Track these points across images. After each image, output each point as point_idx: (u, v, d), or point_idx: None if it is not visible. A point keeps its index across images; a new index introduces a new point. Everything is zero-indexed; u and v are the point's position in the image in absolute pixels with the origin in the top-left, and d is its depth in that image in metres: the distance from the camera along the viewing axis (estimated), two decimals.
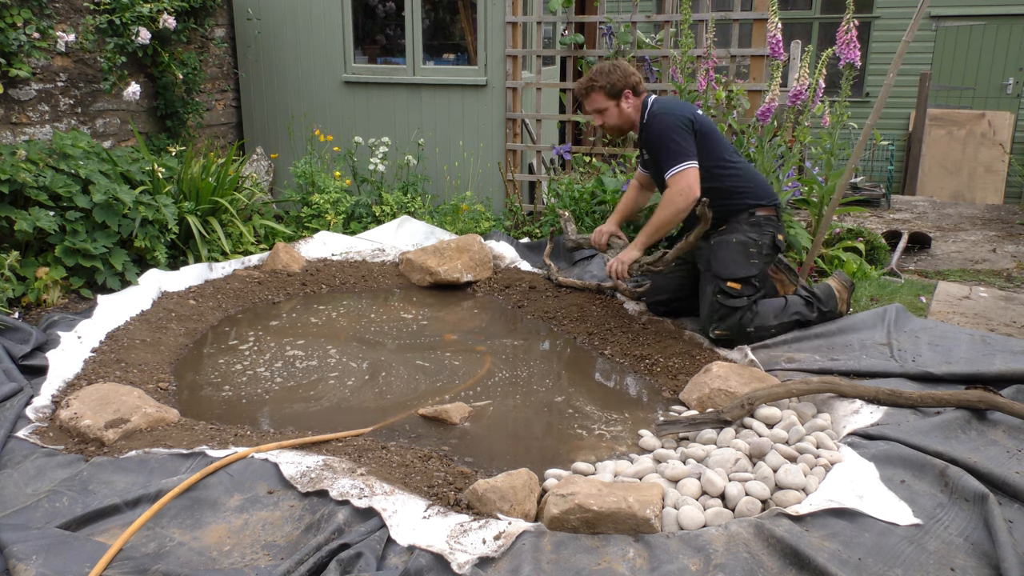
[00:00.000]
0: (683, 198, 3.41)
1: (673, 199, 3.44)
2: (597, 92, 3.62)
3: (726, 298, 3.45)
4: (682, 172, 3.42)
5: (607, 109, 3.64)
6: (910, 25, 3.82)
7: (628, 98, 3.63)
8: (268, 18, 5.96)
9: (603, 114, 3.66)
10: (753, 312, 3.46)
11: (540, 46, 6.23)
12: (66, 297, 3.98)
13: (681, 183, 3.41)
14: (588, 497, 2.15)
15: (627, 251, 3.64)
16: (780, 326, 3.50)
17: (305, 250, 4.87)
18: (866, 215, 6.67)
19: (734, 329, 3.46)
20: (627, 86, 3.60)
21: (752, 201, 3.57)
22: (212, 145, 5.96)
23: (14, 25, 4.23)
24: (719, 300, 3.46)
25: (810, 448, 2.52)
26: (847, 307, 3.68)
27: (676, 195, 3.43)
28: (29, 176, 3.83)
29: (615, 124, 3.69)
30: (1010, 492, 2.24)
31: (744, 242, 3.52)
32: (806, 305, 3.57)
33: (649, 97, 3.70)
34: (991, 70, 9.73)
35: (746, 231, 3.54)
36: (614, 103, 3.62)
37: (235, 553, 2.10)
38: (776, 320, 3.49)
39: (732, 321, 3.45)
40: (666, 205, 3.47)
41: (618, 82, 3.58)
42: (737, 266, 3.49)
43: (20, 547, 2.01)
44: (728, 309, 3.45)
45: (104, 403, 2.81)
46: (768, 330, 3.48)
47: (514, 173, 5.66)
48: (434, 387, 3.27)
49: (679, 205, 3.43)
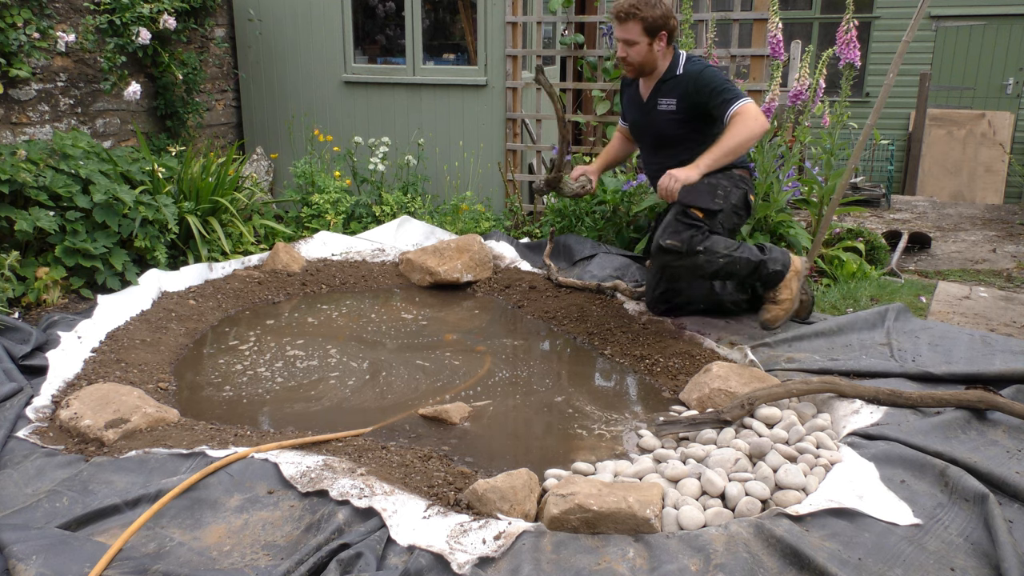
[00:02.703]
0: (759, 123, 3.28)
1: (749, 124, 3.28)
2: (635, 22, 3.47)
3: (685, 218, 3.39)
4: (748, 104, 3.32)
5: (637, 44, 3.49)
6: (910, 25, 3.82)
7: (662, 40, 3.51)
8: (268, 18, 5.96)
9: (631, 47, 3.51)
10: (705, 235, 3.40)
11: (540, 46, 6.24)
12: (66, 297, 3.98)
13: (751, 111, 3.29)
14: (588, 497, 2.15)
15: (691, 170, 3.35)
16: (729, 258, 3.41)
17: (305, 250, 4.87)
18: (866, 215, 6.67)
19: (685, 243, 3.36)
20: (666, 28, 3.49)
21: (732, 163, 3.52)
22: (212, 145, 5.96)
23: (14, 25, 4.23)
24: (678, 218, 3.40)
25: (810, 448, 2.52)
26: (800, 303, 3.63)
27: (751, 119, 3.28)
28: (29, 176, 3.83)
29: (637, 62, 3.55)
30: (1010, 492, 2.24)
31: (713, 184, 3.46)
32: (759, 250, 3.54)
33: (680, 51, 3.61)
34: (991, 70, 9.73)
35: (719, 177, 3.48)
36: (647, 40, 3.49)
37: (235, 553, 2.10)
38: (726, 250, 3.41)
39: (684, 236, 3.36)
40: (742, 128, 3.28)
41: (658, 20, 3.45)
42: (702, 197, 3.41)
43: (20, 547, 2.01)
44: (683, 225, 3.38)
45: (104, 403, 2.81)
46: (716, 257, 3.39)
47: (514, 173, 5.66)
48: (434, 387, 3.27)
49: (755, 129, 3.28)
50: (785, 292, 3.53)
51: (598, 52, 5.37)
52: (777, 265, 3.51)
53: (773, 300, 3.56)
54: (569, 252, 4.76)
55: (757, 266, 3.48)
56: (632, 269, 4.45)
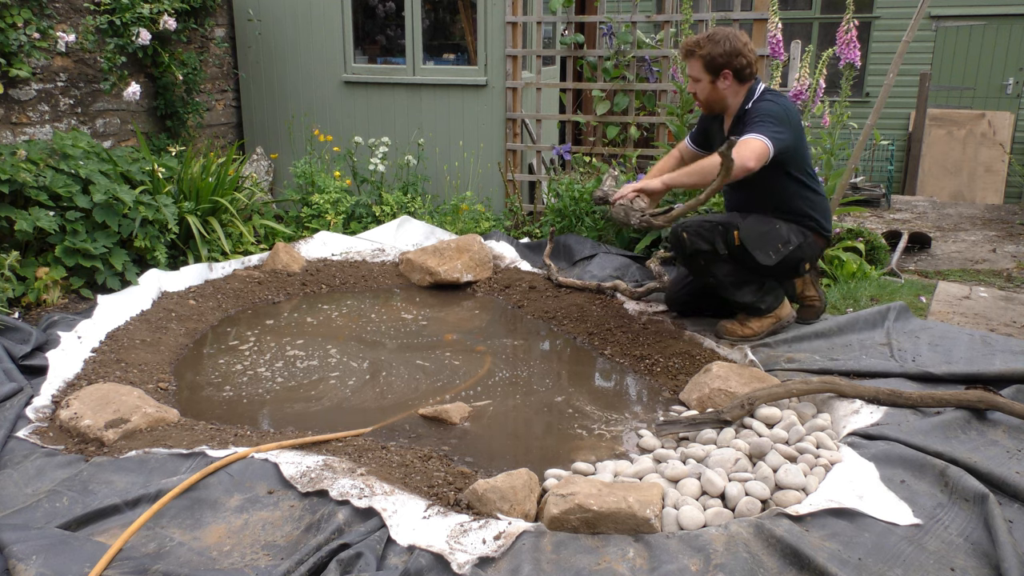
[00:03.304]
0: (737, 159, 2.97)
1: (739, 150, 3.03)
2: (696, 60, 3.32)
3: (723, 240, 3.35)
4: (752, 140, 3.09)
5: (700, 81, 3.36)
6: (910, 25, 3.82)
7: (727, 79, 3.32)
8: (268, 18, 5.96)
9: (696, 84, 3.38)
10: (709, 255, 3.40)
11: (540, 46, 6.23)
12: (66, 297, 3.98)
13: (744, 148, 3.05)
14: (588, 497, 2.15)
15: (646, 179, 3.33)
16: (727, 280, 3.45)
17: (305, 250, 4.87)
18: (866, 215, 6.67)
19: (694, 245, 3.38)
20: (729, 67, 3.28)
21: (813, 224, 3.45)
22: (212, 145, 5.96)
23: (14, 25, 4.23)
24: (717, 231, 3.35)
25: (810, 448, 2.52)
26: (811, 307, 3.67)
27: (743, 148, 3.05)
28: (29, 176, 3.83)
29: (704, 100, 3.42)
30: (1010, 492, 2.24)
31: (780, 234, 3.36)
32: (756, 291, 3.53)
33: (759, 84, 3.40)
34: (991, 70, 9.73)
35: (791, 231, 3.40)
36: (709, 78, 3.33)
37: (235, 553, 2.10)
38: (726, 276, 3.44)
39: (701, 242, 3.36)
40: (713, 158, 3.10)
41: (719, 57, 3.26)
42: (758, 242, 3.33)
43: (20, 547, 2.01)
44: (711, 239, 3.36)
45: (104, 403, 2.80)
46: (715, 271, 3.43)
47: (514, 173, 5.66)
48: (434, 387, 3.27)
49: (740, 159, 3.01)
50: (756, 324, 3.56)
51: (598, 52, 5.37)
52: (766, 305, 3.53)
53: (742, 321, 3.59)
54: (569, 252, 4.76)
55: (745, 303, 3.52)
56: (632, 269, 4.45)
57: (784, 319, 3.59)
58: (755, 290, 3.51)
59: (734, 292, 3.50)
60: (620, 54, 5.28)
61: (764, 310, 3.55)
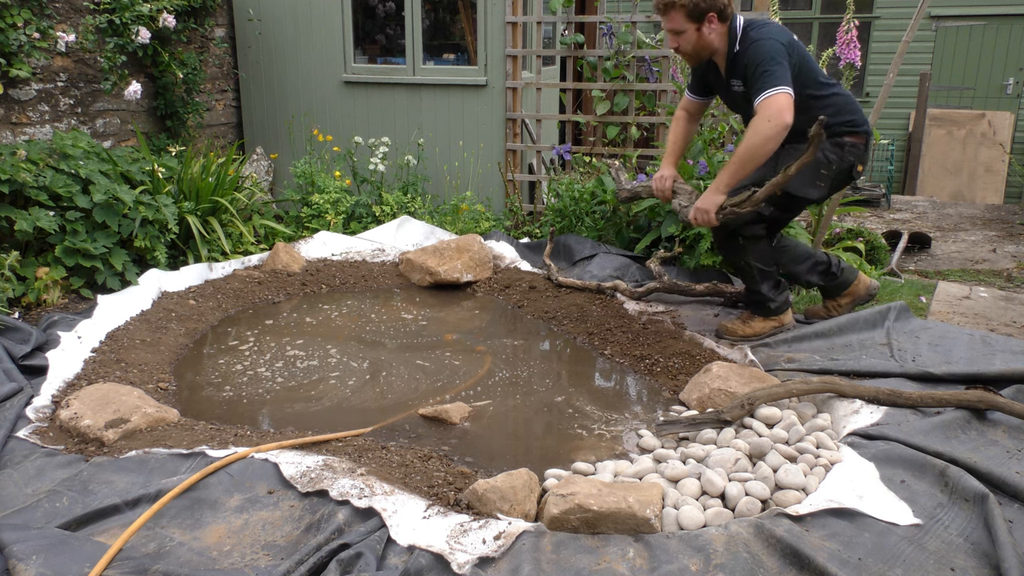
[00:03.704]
0: (771, 125, 3.03)
1: (759, 127, 3.06)
2: (677, 11, 3.23)
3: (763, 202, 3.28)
4: (772, 97, 3.06)
5: (684, 32, 3.26)
6: (910, 25, 3.82)
7: (712, 22, 3.23)
8: (268, 18, 5.96)
9: (679, 37, 3.29)
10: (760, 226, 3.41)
11: (540, 46, 6.23)
12: (66, 297, 3.98)
13: (771, 108, 3.04)
14: (588, 497, 2.15)
15: (708, 195, 3.27)
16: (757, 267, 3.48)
17: (305, 250, 4.87)
18: (866, 215, 6.67)
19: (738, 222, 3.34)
20: (712, 8, 3.21)
21: (844, 128, 3.31)
22: (212, 145, 5.96)
23: (14, 25, 4.23)
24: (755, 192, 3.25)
25: (810, 448, 2.52)
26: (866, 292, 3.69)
27: (763, 121, 3.05)
28: (29, 176, 3.83)
29: (691, 51, 3.33)
30: (1010, 492, 2.24)
31: (819, 160, 3.25)
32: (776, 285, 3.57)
33: (737, 19, 3.30)
34: (991, 70, 9.73)
35: (827, 150, 3.28)
36: (694, 27, 3.24)
37: (235, 553, 2.10)
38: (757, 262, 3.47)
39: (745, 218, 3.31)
40: (752, 134, 3.08)
41: (703, 2, 3.19)
42: (801, 183, 3.25)
43: (20, 547, 2.01)
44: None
45: (104, 403, 2.81)
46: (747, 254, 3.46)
47: (514, 173, 5.66)
48: (434, 387, 3.27)
49: (766, 133, 3.04)
50: (759, 325, 3.57)
51: (598, 52, 5.37)
52: (777, 303, 3.56)
53: (744, 320, 3.61)
54: (569, 252, 4.76)
55: (762, 296, 3.53)
56: (632, 269, 4.45)
57: (786, 325, 3.61)
58: (773, 286, 3.53)
59: (759, 282, 3.50)
60: (620, 54, 5.28)
61: (773, 310, 3.55)
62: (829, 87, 3.34)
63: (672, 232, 4.37)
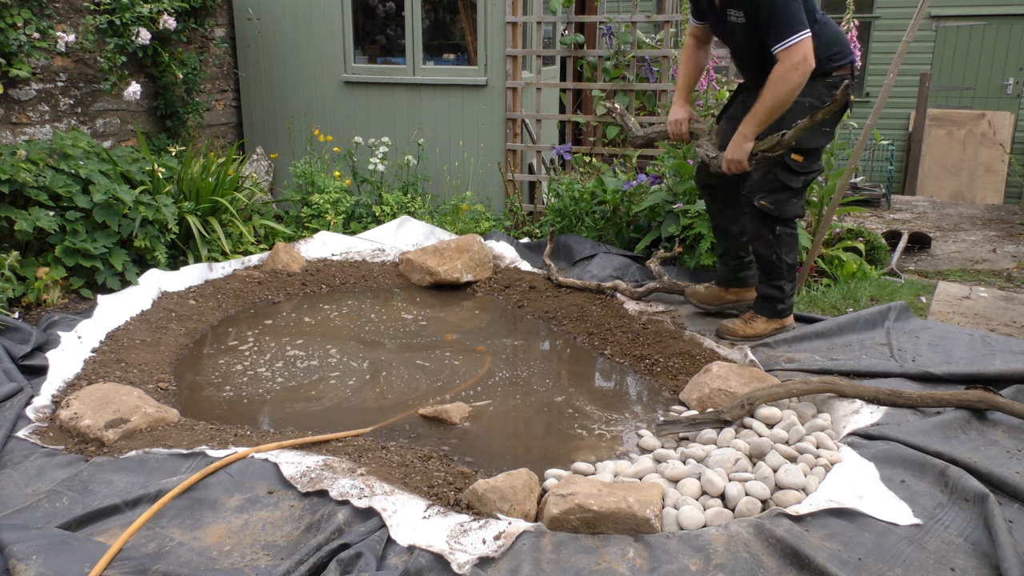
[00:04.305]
0: (799, 73, 3.05)
1: (787, 76, 3.06)
2: None
3: (785, 172, 3.30)
4: (797, 44, 3.03)
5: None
6: (910, 25, 3.82)
7: None
8: (268, 18, 5.96)
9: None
10: (799, 207, 3.37)
11: (540, 46, 6.23)
12: (66, 297, 3.98)
13: (796, 56, 3.03)
14: (588, 497, 2.15)
15: (737, 145, 3.24)
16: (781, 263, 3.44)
17: (305, 250, 4.87)
18: (866, 215, 6.67)
19: (779, 207, 3.33)
20: None
21: (832, 63, 3.27)
22: (212, 145, 5.96)
23: (14, 25, 4.23)
24: (777, 173, 3.30)
25: (810, 448, 2.52)
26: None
27: (791, 70, 3.05)
28: (29, 176, 3.83)
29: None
30: (1010, 492, 2.24)
31: (817, 107, 3.20)
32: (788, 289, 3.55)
33: None
34: (991, 70, 9.73)
35: (822, 94, 3.24)
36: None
37: (235, 553, 2.10)
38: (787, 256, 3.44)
39: (781, 198, 3.32)
40: (780, 82, 3.08)
41: None
42: (811, 135, 3.23)
43: (20, 547, 2.01)
44: (780, 184, 3.31)
45: (104, 403, 2.81)
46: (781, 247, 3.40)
47: (514, 173, 5.66)
48: (434, 387, 3.27)
49: (795, 81, 3.06)
50: (761, 326, 3.55)
51: (598, 52, 5.37)
52: (784, 306, 3.54)
53: (747, 320, 3.59)
54: (569, 252, 4.76)
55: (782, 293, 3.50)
56: (632, 269, 4.45)
57: (787, 327, 3.59)
58: (792, 287, 3.53)
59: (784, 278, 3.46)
60: (620, 54, 5.28)
61: (780, 312, 3.53)
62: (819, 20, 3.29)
63: (672, 232, 4.37)
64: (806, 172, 3.34)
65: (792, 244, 3.46)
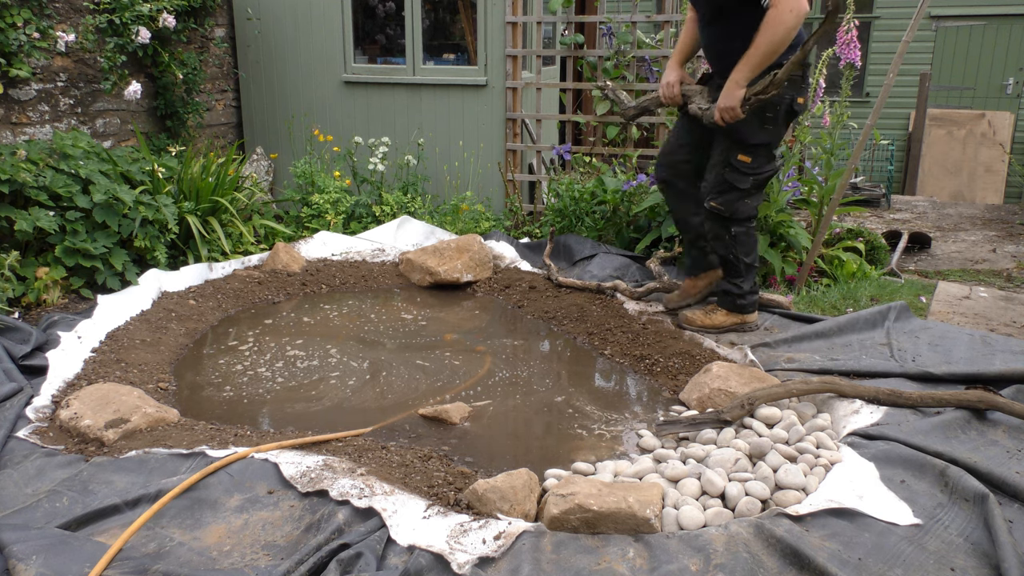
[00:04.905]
0: (794, 15, 3.08)
1: (782, 16, 3.07)
2: None
3: (733, 173, 3.37)
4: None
5: None
6: (910, 25, 3.82)
7: None
8: (268, 18, 5.96)
9: None
10: (751, 207, 3.43)
11: (540, 46, 6.23)
12: (66, 297, 3.98)
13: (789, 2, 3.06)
14: (588, 497, 2.15)
15: (730, 92, 3.23)
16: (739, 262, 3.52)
17: (305, 250, 4.87)
18: (866, 215, 6.67)
19: (729, 208, 3.41)
20: None
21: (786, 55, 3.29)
22: (212, 145, 5.96)
23: (14, 25, 4.23)
24: (725, 174, 3.38)
25: (810, 448, 2.52)
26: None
27: (785, 12, 3.07)
28: (29, 176, 3.83)
29: None
30: (1010, 492, 2.24)
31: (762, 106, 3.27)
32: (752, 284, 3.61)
33: None
34: (991, 70, 9.73)
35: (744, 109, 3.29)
36: None
37: (235, 553, 2.10)
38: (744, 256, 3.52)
39: (730, 199, 3.40)
40: (775, 23, 3.09)
41: None
42: (750, 130, 3.30)
43: (20, 547, 2.01)
44: (728, 185, 3.39)
45: (104, 403, 2.80)
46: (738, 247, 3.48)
47: (514, 173, 5.66)
48: (434, 387, 3.27)
49: (790, 22, 3.08)
50: (720, 318, 3.63)
51: (598, 52, 5.37)
52: (745, 302, 3.60)
53: (707, 312, 3.67)
54: (569, 252, 4.76)
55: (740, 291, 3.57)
56: (632, 269, 4.45)
57: (748, 323, 3.65)
58: (752, 284, 3.60)
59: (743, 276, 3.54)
60: (620, 54, 5.28)
61: (740, 307, 3.60)
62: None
63: (672, 232, 4.37)
64: (754, 172, 3.38)
65: (749, 244, 3.54)
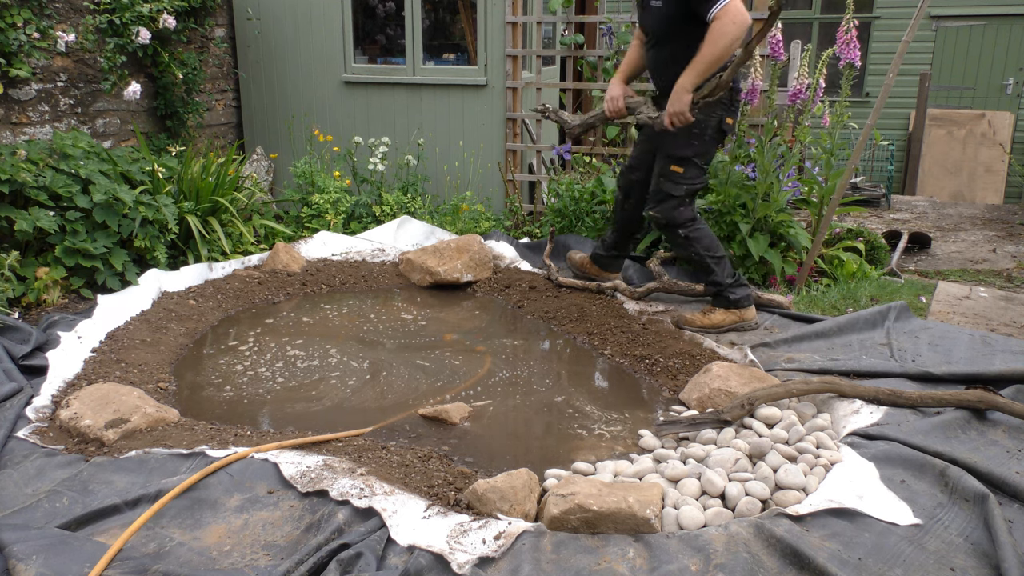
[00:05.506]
0: (736, 26, 3.25)
1: (725, 29, 3.25)
2: None
3: (668, 183, 3.60)
4: (728, 4, 3.25)
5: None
6: (910, 25, 3.82)
7: None
8: (268, 18, 5.96)
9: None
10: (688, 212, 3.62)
11: (540, 46, 6.23)
12: (66, 297, 3.98)
13: (731, 12, 3.24)
14: (588, 497, 2.15)
15: (678, 97, 3.41)
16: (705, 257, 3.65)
17: (305, 250, 4.87)
18: (866, 215, 6.67)
19: (666, 215, 3.63)
20: None
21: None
22: (212, 145, 5.96)
23: (14, 25, 4.23)
24: (660, 183, 3.63)
25: (810, 448, 2.52)
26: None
27: (728, 24, 3.24)
28: (29, 176, 3.83)
29: None
30: (1010, 492, 2.25)
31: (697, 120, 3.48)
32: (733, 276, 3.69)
33: None
34: (991, 70, 9.73)
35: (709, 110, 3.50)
36: None
37: (235, 553, 2.10)
38: (705, 251, 3.64)
39: (667, 207, 3.62)
40: (718, 35, 3.26)
41: None
42: (679, 144, 3.55)
43: (20, 547, 2.01)
44: (665, 194, 3.62)
45: (104, 403, 2.81)
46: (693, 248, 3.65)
47: (514, 173, 5.66)
48: (434, 387, 3.27)
49: (734, 33, 3.26)
50: (718, 317, 3.68)
51: (598, 52, 5.37)
52: (736, 296, 3.66)
53: (705, 312, 3.72)
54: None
55: (720, 285, 3.66)
56: (632, 269, 4.45)
57: (747, 320, 3.68)
58: (729, 275, 3.68)
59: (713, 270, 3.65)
60: (620, 54, 5.28)
61: (733, 302, 3.64)
62: None
63: None
64: (687, 182, 3.60)
65: (705, 239, 3.67)
